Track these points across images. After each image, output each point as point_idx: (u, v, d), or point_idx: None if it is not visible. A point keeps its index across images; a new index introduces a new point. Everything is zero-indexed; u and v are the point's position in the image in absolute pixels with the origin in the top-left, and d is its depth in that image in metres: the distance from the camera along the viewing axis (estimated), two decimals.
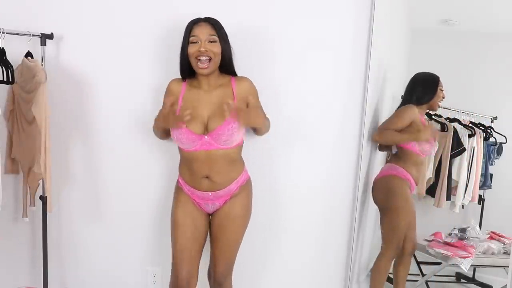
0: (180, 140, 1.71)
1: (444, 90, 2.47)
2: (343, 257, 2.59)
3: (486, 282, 2.79)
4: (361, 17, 2.45)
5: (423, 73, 2.52)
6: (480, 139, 2.73)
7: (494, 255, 2.55)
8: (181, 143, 1.72)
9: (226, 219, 1.83)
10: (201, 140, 1.70)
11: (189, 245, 1.80)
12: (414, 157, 2.47)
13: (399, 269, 2.58)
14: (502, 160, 2.76)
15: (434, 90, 2.45)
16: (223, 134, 1.69)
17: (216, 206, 1.83)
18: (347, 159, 2.52)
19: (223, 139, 1.70)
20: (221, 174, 1.76)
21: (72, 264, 2.18)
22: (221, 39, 1.73)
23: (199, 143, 1.70)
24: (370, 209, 2.88)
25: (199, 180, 1.77)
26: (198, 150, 1.71)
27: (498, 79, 2.66)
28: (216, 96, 1.76)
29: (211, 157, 1.73)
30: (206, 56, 1.68)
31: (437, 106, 2.48)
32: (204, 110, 1.74)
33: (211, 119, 1.72)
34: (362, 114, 2.50)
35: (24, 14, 1.92)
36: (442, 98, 2.46)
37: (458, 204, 2.72)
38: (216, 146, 1.71)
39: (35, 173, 1.90)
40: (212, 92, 1.77)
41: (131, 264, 2.26)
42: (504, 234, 2.67)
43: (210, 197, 1.80)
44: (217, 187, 1.78)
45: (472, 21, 2.76)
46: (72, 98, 2.05)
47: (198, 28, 1.71)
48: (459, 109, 2.71)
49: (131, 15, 2.07)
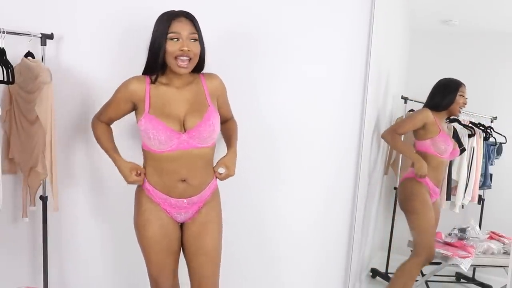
0: (158, 139, 1.57)
1: (466, 96, 2.44)
2: (343, 257, 2.59)
3: (486, 282, 2.80)
4: (361, 17, 2.45)
5: (445, 79, 2.49)
6: (480, 139, 2.74)
7: (494, 255, 2.55)
8: (159, 142, 1.58)
9: (203, 226, 1.70)
10: (179, 138, 1.59)
11: (168, 260, 1.68)
12: (430, 158, 2.45)
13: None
14: (502, 160, 2.76)
15: (452, 96, 2.42)
16: (204, 130, 1.60)
17: (188, 215, 1.70)
18: (347, 159, 2.52)
19: (204, 135, 1.61)
20: (198, 176, 1.66)
21: (72, 264, 2.18)
22: (200, 37, 1.63)
23: (176, 142, 1.59)
24: (370, 209, 2.88)
25: (174, 185, 1.64)
26: (175, 150, 1.59)
27: (498, 79, 2.67)
28: (189, 93, 1.66)
29: (189, 158, 1.62)
30: (187, 56, 1.58)
31: (457, 111, 2.46)
32: (179, 108, 1.63)
33: (188, 117, 1.62)
34: (362, 114, 2.51)
35: (24, 14, 1.92)
36: (463, 104, 2.43)
37: (458, 204, 2.72)
38: (194, 145, 1.61)
39: (38, 173, 1.89)
40: (184, 89, 1.66)
41: (131, 264, 2.26)
42: (504, 234, 2.67)
43: (185, 204, 1.67)
44: (192, 192, 1.67)
45: (472, 21, 2.76)
46: (73, 98, 2.05)
47: (179, 24, 1.58)
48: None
49: (131, 15, 2.07)
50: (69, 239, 2.16)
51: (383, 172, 3.06)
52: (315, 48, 2.30)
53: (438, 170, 2.47)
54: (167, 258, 1.68)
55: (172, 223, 1.69)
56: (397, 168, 2.96)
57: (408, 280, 2.51)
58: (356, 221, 2.56)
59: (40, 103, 1.81)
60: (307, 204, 2.38)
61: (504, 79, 2.66)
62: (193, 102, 1.65)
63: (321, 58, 2.32)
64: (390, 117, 2.99)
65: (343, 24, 2.38)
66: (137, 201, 1.72)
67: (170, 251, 1.69)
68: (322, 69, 2.33)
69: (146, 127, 1.58)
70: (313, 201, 2.40)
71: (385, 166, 3.06)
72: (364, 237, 2.83)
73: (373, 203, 2.94)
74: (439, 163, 2.47)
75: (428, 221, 2.45)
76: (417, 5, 2.86)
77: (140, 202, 1.70)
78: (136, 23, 2.08)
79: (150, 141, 1.59)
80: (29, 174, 1.94)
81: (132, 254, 2.26)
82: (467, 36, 2.74)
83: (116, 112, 1.72)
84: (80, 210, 2.15)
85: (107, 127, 1.78)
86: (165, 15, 1.62)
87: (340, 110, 2.44)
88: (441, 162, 2.47)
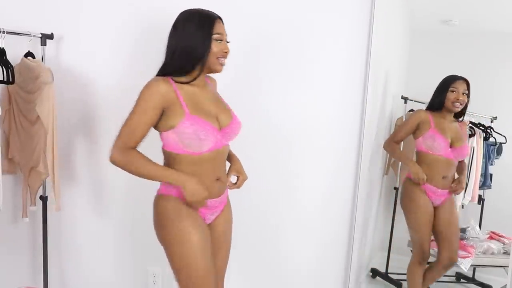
0: (208, 139, 1.51)
1: (461, 91, 2.37)
2: (343, 257, 2.59)
3: (486, 282, 2.79)
4: (361, 18, 2.45)
5: (444, 78, 2.46)
6: (480, 139, 2.74)
7: (494, 255, 2.55)
8: (209, 142, 1.51)
9: (227, 224, 1.70)
10: (217, 137, 1.55)
11: (212, 267, 1.58)
12: (424, 157, 2.45)
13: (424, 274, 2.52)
14: (502, 160, 2.76)
15: (443, 94, 2.41)
16: (236, 128, 1.61)
17: (215, 215, 1.66)
18: (347, 159, 2.52)
19: (236, 133, 1.62)
20: (224, 173, 1.65)
21: (72, 264, 2.18)
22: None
23: (214, 141, 1.54)
24: (370, 209, 2.88)
25: (212, 185, 1.58)
26: (213, 149, 1.54)
27: (498, 79, 2.66)
28: (209, 92, 1.65)
29: (221, 155, 1.61)
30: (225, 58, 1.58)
31: (452, 107, 2.39)
32: (210, 106, 1.58)
33: (220, 115, 1.60)
34: (362, 114, 2.50)
35: (24, 14, 1.92)
36: (455, 99, 2.37)
37: (458, 204, 2.71)
38: (225, 142, 1.60)
39: (39, 173, 1.89)
40: (205, 88, 1.64)
41: (131, 264, 2.26)
42: (504, 234, 2.67)
43: (217, 203, 1.63)
44: (223, 190, 1.65)
45: (472, 21, 2.76)
46: (72, 98, 2.05)
47: (220, 25, 1.56)
48: None
49: (131, 14, 2.07)
50: (69, 239, 2.16)
51: (383, 172, 3.06)
52: (315, 48, 2.30)
53: (433, 168, 2.42)
54: (211, 264, 1.58)
55: (206, 225, 1.63)
56: (397, 168, 2.96)
57: (409, 280, 2.53)
58: (356, 221, 2.55)
59: (41, 103, 1.81)
60: (307, 204, 2.38)
61: (504, 79, 2.66)
62: (217, 101, 1.64)
63: (321, 58, 2.32)
64: (390, 117, 2.99)
65: (343, 24, 2.38)
66: (171, 209, 1.56)
67: (211, 257, 1.59)
68: (322, 69, 2.33)
69: (196, 129, 1.48)
70: (313, 201, 2.40)
71: (386, 166, 3.06)
72: (364, 237, 2.83)
73: (373, 203, 2.94)
74: (432, 160, 2.42)
75: (417, 220, 2.46)
76: (417, 5, 2.86)
77: (175, 208, 1.56)
78: (136, 23, 2.08)
79: (197, 142, 1.50)
80: (29, 174, 1.94)
81: (132, 254, 2.26)
82: (467, 36, 2.74)
83: (148, 127, 1.49)
84: (80, 210, 2.15)
85: (137, 151, 1.52)
86: (203, 16, 1.54)
87: (340, 110, 2.44)
88: (435, 160, 2.41)
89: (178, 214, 1.55)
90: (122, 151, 1.48)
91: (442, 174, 2.42)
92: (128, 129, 1.48)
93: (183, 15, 1.56)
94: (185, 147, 1.51)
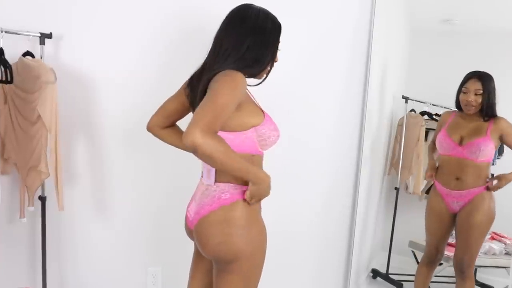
0: (270, 141, 1.47)
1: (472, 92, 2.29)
2: (343, 258, 2.58)
3: (488, 283, 2.78)
4: (361, 18, 2.44)
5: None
6: None
7: (496, 255, 2.54)
8: (269, 144, 1.48)
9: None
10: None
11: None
12: (439, 157, 2.44)
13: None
14: (502, 160, 2.75)
15: (458, 94, 2.37)
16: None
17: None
18: (348, 159, 2.51)
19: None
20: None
21: (71, 264, 2.17)
22: None
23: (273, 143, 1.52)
24: (371, 209, 2.87)
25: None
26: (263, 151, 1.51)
27: (498, 79, 2.65)
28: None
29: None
30: None
31: (465, 109, 2.32)
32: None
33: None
34: (362, 114, 2.50)
35: (23, 14, 1.91)
36: (466, 101, 2.29)
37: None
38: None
39: (40, 172, 1.88)
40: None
41: (131, 265, 2.25)
42: (505, 235, 2.66)
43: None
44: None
45: (472, 21, 2.76)
46: (72, 98, 2.04)
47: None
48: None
49: (131, 14, 2.07)
50: (68, 239, 2.15)
51: (384, 172, 3.04)
52: (315, 48, 2.30)
53: (444, 169, 2.38)
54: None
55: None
56: (398, 167, 2.95)
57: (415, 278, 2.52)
58: (356, 222, 2.55)
59: (43, 103, 1.80)
60: (307, 204, 2.38)
61: (505, 79, 2.65)
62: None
63: (321, 58, 2.32)
64: (390, 117, 2.99)
65: (343, 24, 2.38)
66: (254, 217, 1.47)
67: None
68: (322, 69, 2.33)
69: (274, 127, 1.44)
70: (313, 201, 2.39)
71: (388, 167, 3.05)
72: (365, 238, 2.82)
73: (373, 203, 2.93)
74: (443, 161, 2.39)
75: (426, 221, 2.47)
76: (417, 5, 2.85)
77: (256, 216, 1.49)
78: (135, 23, 2.08)
79: (268, 142, 1.44)
80: (27, 174, 1.93)
81: (132, 255, 2.25)
82: (468, 36, 2.73)
83: (230, 113, 1.26)
84: (80, 210, 2.15)
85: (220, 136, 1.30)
86: (276, 23, 1.51)
87: (340, 110, 2.43)
88: (446, 161, 2.37)
89: (259, 224, 1.48)
90: (208, 134, 1.16)
91: (455, 175, 2.32)
92: (215, 110, 1.19)
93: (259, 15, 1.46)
94: (262, 147, 1.43)
